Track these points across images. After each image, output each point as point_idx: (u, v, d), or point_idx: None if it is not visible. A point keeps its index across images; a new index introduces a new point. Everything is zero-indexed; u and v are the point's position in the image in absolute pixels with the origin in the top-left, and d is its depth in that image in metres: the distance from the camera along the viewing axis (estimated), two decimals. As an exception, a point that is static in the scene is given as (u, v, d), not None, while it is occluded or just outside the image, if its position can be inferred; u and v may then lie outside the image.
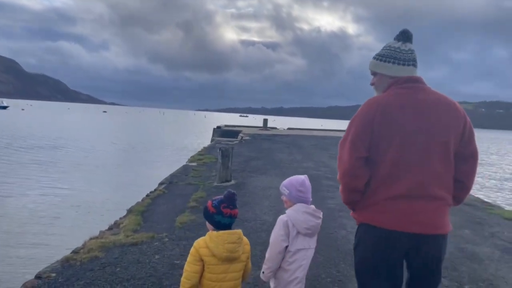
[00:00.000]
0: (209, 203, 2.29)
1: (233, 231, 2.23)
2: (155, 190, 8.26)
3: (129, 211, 6.52)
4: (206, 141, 26.78)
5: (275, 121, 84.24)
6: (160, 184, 8.97)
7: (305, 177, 2.58)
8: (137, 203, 7.08)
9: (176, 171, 10.74)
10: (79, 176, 15.20)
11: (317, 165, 12.43)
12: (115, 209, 8.41)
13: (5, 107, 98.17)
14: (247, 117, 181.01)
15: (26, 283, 3.67)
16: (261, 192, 7.99)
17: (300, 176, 2.61)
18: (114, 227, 5.82)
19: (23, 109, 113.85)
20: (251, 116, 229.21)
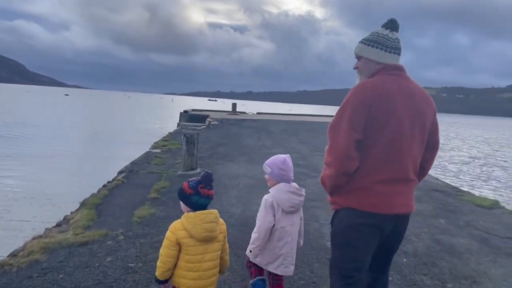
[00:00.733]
0: (185, 184, 2.30)
1: (210, 211, 2.25)
2: (113, 179, 7.62)
3: (82, 204, 5.90)
4: (172, 126, 25.83)
5: (244, 105, 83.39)
6: (119, 173, 8.31)
7: (287, 156, 2.72)
8: (92, 195, 6.45)
9: (137, 158, 10.06)
10: (34, 164, 14.11)
11: (287, 151, 12.01)
12: (70, 201, 7.63)
13: None
14: (216, 101, 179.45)
15: None
16: (229, 181, 7.54)
17: (282, 155, 2.75)
18: (63, 223, 5.21)
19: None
20: (220, 100, 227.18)
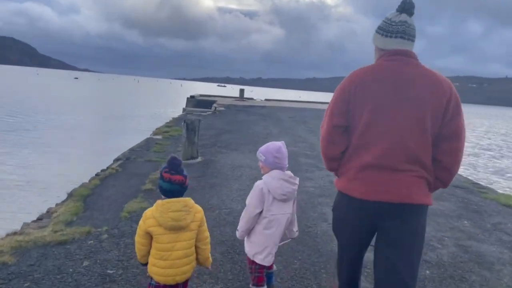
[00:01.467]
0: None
1: (178, 199, 2.17)
2: (107, 168, 7.13)
3: (70, 196, 5.42)
4: (179, 111, 25.29)
5: (253, 92, 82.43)
6: (115, 160, 7.82)
7: (281, 144, 2.65)
8: (82, 185, 5.96)
9: (136, 145, 9.53)
10: (35, 149, 13.75)
11: (294, 140, 11.45)
12: (60, 190, 7.18)
13: None
14: (225, 87, 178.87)
15: None
16: (231, 172, 6.99)
17: (277, 142, 2.66)
18: (44, 217, 4.73)
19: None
20: (229, 86, 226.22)
